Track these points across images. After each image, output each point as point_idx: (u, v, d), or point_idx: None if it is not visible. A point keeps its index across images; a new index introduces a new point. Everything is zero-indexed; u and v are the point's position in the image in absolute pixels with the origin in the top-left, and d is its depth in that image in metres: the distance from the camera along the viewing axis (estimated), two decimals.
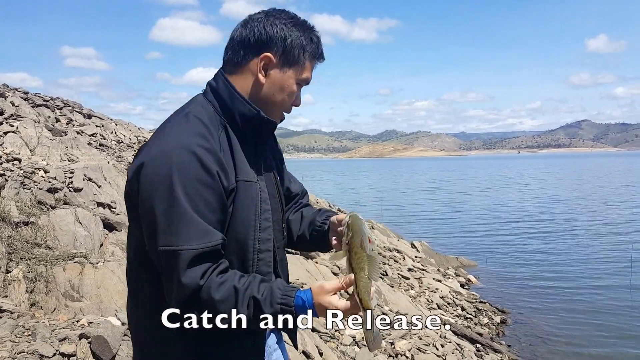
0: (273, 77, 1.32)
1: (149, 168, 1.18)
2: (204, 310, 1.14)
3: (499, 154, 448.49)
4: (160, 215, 1.15)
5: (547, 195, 31.18)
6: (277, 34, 1.30)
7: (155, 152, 1.19)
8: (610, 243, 14.51)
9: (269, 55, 1.30)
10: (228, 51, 1.35)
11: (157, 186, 1.16)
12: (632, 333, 7.49)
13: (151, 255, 1.19)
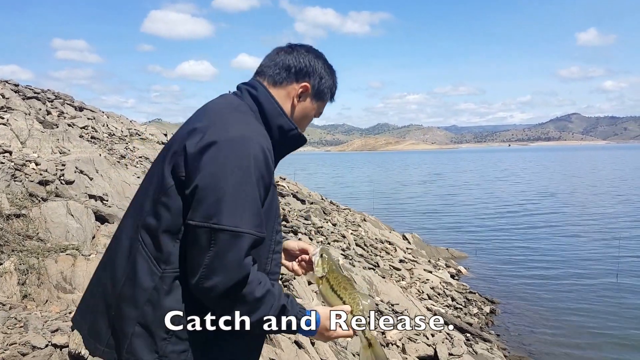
0: (304, 104, 1.51)
1: (227, 149, 1.21)
2: (241, 297, 1.19)
3: (490, 147, 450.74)
4: (230, 194, 1.18)
5: (537, 188, 31.45)
6: (318, 70, 1.51)
7: (232, 136, 1.24)
8: (598, 235, 14.71)
9: (307, 86, 1.49)
10: (270, 67, 1.49)
11: (233, 168, 1.20)
12: (617, 323, 7.61)
13: (193, 226, 1.18)
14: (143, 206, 1.31)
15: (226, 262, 1.16)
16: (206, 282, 1.16)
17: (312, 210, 10.52)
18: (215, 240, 1.16)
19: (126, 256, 1.29)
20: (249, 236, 1.18)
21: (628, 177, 38.76)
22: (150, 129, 12.12)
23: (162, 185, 1.27)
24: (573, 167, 57.26)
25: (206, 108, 1.42)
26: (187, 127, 1.35)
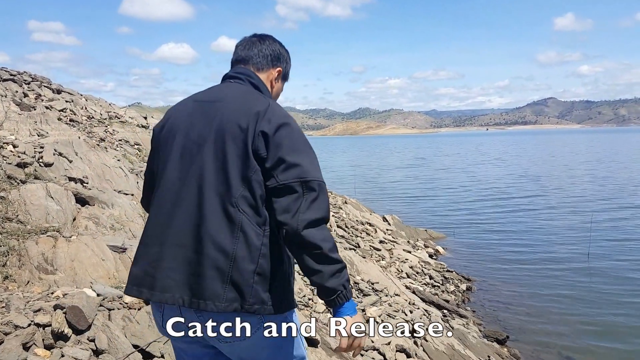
0: (278, 84, 1.86)
1: (294, 128, 1.59)
2: (326, 217, 1.53)
3: (468, 131, 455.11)
4: (310, 158, 1.57)
5: (515, 171, 32.00)
6: (285, 56, 1.87)
7: (290, 120, 1.60)
8: (571, 215, 15.12)
9: (280, 70, 1.84)
10: (252, 57, 1.79)
11: (304, 141, 1.60)
12: (588, 299, 7.90)
13: (302, 173, 1.52)
14: (231, 185, 1.52)
15: (322, 202, 1.53)
16: (304, 222, 1.47)
17: None
18: (308, 189, 1.51)
19: (230, 228, 1.51)
20: (324, 184, 1.58)
21: (606, 159, 39.59)
22: (130, 112, 11.96)
23: (247, 164, 1.52)
24: (551, 151, 58.30)
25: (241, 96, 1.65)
26: (234, 109, 1.59)
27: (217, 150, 1.55)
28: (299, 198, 1.50)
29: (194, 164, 1.57)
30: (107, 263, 4.12)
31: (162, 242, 1.56)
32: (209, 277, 1.49)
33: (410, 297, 6.56)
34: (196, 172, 1.56)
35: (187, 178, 1.57)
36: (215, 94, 1.68)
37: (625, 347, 6.17)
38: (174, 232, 1.55)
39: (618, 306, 7.50)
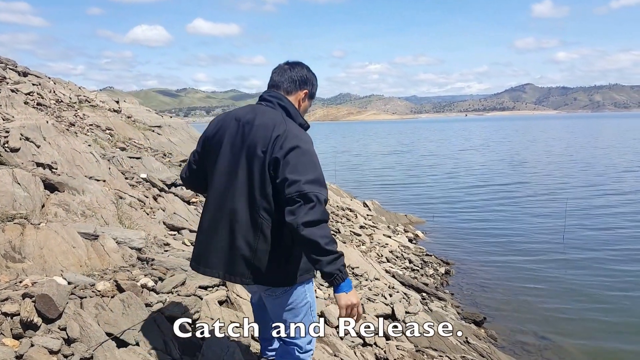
0: (305, 103, 2.34)
1: (302, 149, 2.06)
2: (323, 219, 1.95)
3: (448, 117, 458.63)
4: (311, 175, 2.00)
5: (493, 156, 32.40)
6: (311, 79, 2.33)
7: (300, 141, 2.08)
8: (548, 199, 15.38)
9: (307, 91, 2.32)
10: (283, 82, 2.27)
11: (308, 161, 2.05)
12: (564, 281, 8.05)
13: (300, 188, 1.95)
14: (255, 199, 2.11)
15: (317, 209, 1.94)
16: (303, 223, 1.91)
17: None
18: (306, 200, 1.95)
19: (253, 229, 2.12)
20: (325, 193, 2.02)
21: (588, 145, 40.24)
22: (101, 95, 11.62)
23: (264, 182, 2.08)
24: (531, 137, 59.12)
25: (271, 121, 2.14)
26: (266, 134, 2.10)
27: (248, 169, 2.13)
28: (301, 206, 1.95)
29: (233, 177, 2.17)
30: (78, 251, 3.98)
31: (210, 235, 2.23)
32: (238, 263, 2.15)
33: (390, 281, 6.56)
34: (234, 184, 2.16)
35: (230, 189, 2.17)
36: (251, 116, 2.21)
37: (600, 328, 6.29)
38: (218, 229, 2.19)
39: (591, 289, 7.66)
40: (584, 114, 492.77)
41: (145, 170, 6.72)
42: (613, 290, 7.49)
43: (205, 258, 2.25)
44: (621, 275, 8.11)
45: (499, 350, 5.59)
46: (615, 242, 10.14)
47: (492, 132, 74.16)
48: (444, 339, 5.02)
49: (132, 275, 3.44)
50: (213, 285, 3.67)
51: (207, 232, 2.25)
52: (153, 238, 4.53)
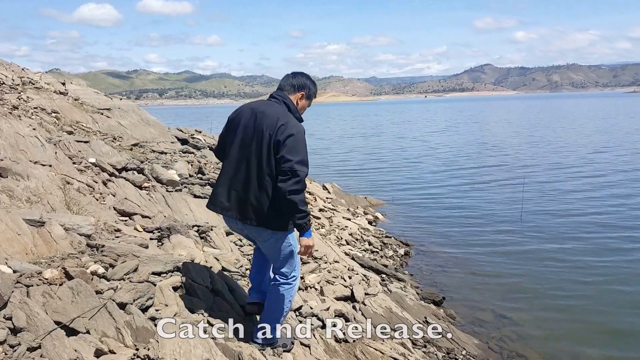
0: (302, 102, 3.21)
1: (297, 137, 2.95)
2: (303, 189, 2.92)
3: (408, 98, 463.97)
4: (299, 157, 2.90)
5: (452, 137, 33.04)
6: (308, 85, 3.20)
7: (296, 130, 2.96)
8: (506, 180, 15.82)
9: (303, 93, 3.19)
10: (288, 86, 3.18)
11: (301, 146, 2.95)
12: (520, 260, 8.25)
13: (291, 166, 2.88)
14: (262, 167, 2.98)
15: (300, 182, 2.88)
16: (289, 189, 2.85)
17: None
18: (294, 174, 2.87)
19: (260, 188, 3.01)
20: (307, 170, 2.93)
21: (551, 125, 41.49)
22: (46, 77, 11.02)
23: (270, 157, 2.97)
24: (487, 117, 60.51)
25: (277, 114, 3.02)
26: (272, 123, 2.98)
27: (257, 147, 3.00)
28: (290, 178, 2.87)
29: (246, 150, 3.05)
30: (23, 238, 3.78)
31: (227, 188, 3.12)
32: (248, 210, 3.05)
33: (349, 263, 6.60)
34: (247, 156, 3.04)
35: (243, 158, 3.06)
36: (263, 108, 3.10)
37: (555, 303, 6.53)
38: (234, 184, 3.09)
39: (548, 265, 7.91)
40: (543, 94, 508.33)
41: (94, 154, 6.45)
42: (568, 269, 7.76)
43: (222, 203, 3.14)
44: (577, 254, 8.42)
45: (457, 329, 5.72)
46: (571, 221, 10.51)
47: (453, 113, 75.46)
48: (402, 319, 5.10)
49: (82, 263, 3.34)
50: (167, 270, 3.57)
51: (224, 187, 3.14)
52: (103, 224, 4.36)
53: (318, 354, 3.57)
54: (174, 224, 4.80)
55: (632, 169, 16.33)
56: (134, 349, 2.66)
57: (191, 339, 2.69)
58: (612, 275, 7.29)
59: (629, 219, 10.38)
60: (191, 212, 5.98)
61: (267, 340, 3.24)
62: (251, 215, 3.03)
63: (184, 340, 2.65)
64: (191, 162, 9.01)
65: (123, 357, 2.54)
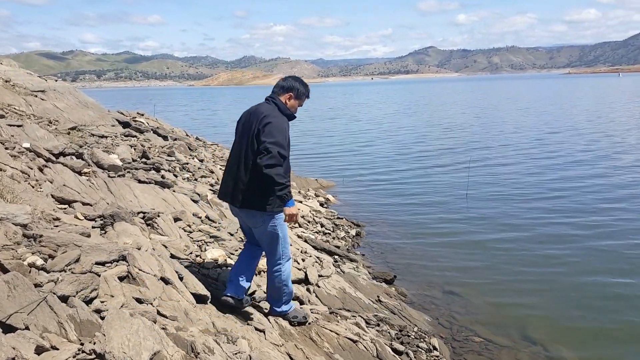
0: (292, 102, 3.73)
1: (273, 123, 3.46)
2: (277, 164, 3.33)
3: (355, 80, 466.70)
4: (274, 139, 3.38)
5: (401, 119, 33.56)
6: (296, 88, 3.73)
7: (274, 120, 3.48)
8: (451, 160, 16.27)
9: (291, 95, 3.72)
10: (277, 88, 3.74)
11: (277, 131, 3.44)
12: (468, 236, 8.49)
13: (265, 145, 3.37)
14: (249, 150, 3.53)
15: (274, 157, 3.31)
16: (265, 164, 3.30)
17: (175, 147, 9.97)
18: (268, 152, 3.32)
19: (245, 171, 3.54)
20: (282, 150, 3.38)
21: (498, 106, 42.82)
22: None
23: (255, 144, 3.50)
24: (431, 98, 61.82)
25: (263, 110, 3.59)
26: (258, 117, 3.55)
27: (248, 138, 3.55)
28: (264, 155, 3.33)
29: (242, 142, 3.61)
30: None
31: (227, 177, 3.68)
32: (238, 192, 3.56)
33: (302, 245, 6.57)
34: (242, 146, 3.59)
35: (239, 150, 3.62)
36: (255, 107, 3.69)
37: (500, 278, 6.77)
38: (231, 173, 3.63)
39: (494, 243, 8.18)
40: (484, 75, 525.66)
41: (29, 139, 6.04)
42: (514, 242, 8.07)
43: (224, 191, 3.71)
44: (521, 228, 8.77)
45: (409, 306, 5.83)
46: (514, 196, 10.96)
47: (404, 95, 76.53)
48: (356, 300, 5.14)
49: (18, 254, 3.13)
50: (112, 260, 3.40)
51: (226, 176, 3.69)
52: (40, 213, 4.09)
53: (273, 338, 3.53)
54: (118, 211, 4.57)
55: (575, 151, 17.04)
56: (78, 343, 2.51)
57: (140, 330, 2.56)
58: (555, 252, 7.62)
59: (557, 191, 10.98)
60: (136, 199, 5.73)
61: (283, 312, 3.93)
62: (240, 197, 3.54)
63: (133, 332, 2.52)
64: (134, 146, 8.64)
65: (66, 352, 2.38)
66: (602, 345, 5.02)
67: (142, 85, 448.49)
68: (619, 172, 13.15)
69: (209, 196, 7.14)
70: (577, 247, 7.72)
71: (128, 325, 2.59)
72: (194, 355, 2.78)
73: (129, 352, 2.42)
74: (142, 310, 3.02)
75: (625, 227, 8.48)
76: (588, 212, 9.51)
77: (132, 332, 2.54)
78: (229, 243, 5.30)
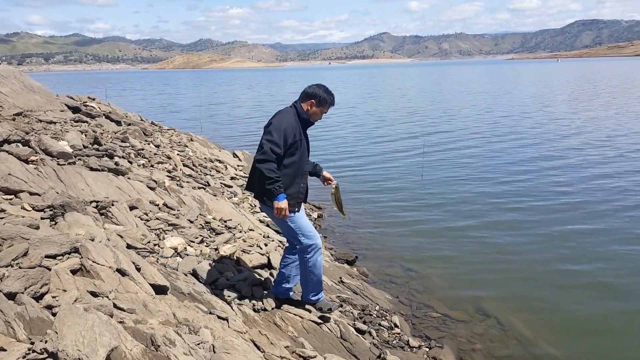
0: (313, 109, 3.91)
1: (274, 124, 3.75)
2: (268, 159, 3.61)
3: (313, 65, 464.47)
4: (269, 137, 3.67)
5: (358, 104, 33.66)
6: (318, 95, 3.88)
7: (275, 120, 3.79)
8: (407, 143, 16.48)
9: (313, 102, 3.88)
10: (302, 94, 3.92)
11: (274, 129, 3.70)
12: (424, 215, 8.74)
13: (260, 141, 3.69)
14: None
15: (266, 154, 3.61)
16: (258, 158, 3.67)
17: (130, 132, 9.60)
18: (261, 148, 3.67)
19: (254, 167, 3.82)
20: (275, 147, 3.63)
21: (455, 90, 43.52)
22: None
23: None
24: (384, 82, 62.32)
25: (276, 113, 3.93)
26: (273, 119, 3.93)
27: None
28: (258, 150, 3.68)
29: None
30: None
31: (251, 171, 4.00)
32: (253, 187, 3.92)
33: (264, 230, 6.49)
34: None
35: None
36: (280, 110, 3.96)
37: (455, 255, 6.97)
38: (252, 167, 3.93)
39: (448, 223, 8.41)
40: (435, 61, 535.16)
41: None
42: (469, 223, 8.27)
43: (249, 188, 4.02)
44: (474, 210, 9.00)
45: (370, 286, 5.90)
46: (468, 179, 11.20)
47: (366, 80, 76.64)
48: None
49: None
50: (63, 252, 3.22)
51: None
52: None
53: (237, 326, 3.46)
54: (69, 201, 4.35)
55: (525, 134, 17.44)
56: (28, 343, 2.36)
57: (96, 326, 2.44)
58: (508, 232, 7.85)
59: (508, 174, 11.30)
60: (88, 187, 5.48)
61: (311, 301, 4.18)
62: (252, 189, 3.94)
63: (88, 328, 2.39)
64: (85, 131, 8.25)
65: (15, 353, 2.24)
66: (551, 315, 5.25)
67: (94, 68, 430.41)
68: (568, 154, 13.61)
69: (166, 183, 6.93)
70: (528, 228, 7.95)
71: (82, 321, 2.45)
72: (154, 348, 2.68)
73: (83, 350, 2.29)
74: (97, 304, 2.88)
75: (575, 209, 8.72)
76: (538, 194, 9.75)
77: (86, 328, 2.40)
78: (189, 231, 5.17)
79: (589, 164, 12.24)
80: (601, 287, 5.80)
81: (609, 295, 5.63)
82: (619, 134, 16.44)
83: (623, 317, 5.16)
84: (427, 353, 4.40)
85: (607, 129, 17.55)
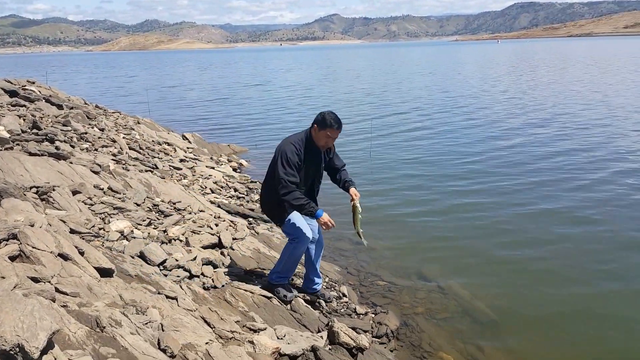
0: (318, 133, 4.05)
1: (281, 149, 4.03)
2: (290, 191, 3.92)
3: (264, 46, 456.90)
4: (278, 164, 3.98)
5: (304, 82, 33.53)
6: (321, 121, 4.02)
7: (282, 146, 4.06)
8: (355, 120, 16.61)
9: (316, 127, 4.04)
10: (313, 121, 4.08)
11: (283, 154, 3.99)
12: (372, 192, 8.80)
13: (277, 176, 3.96)
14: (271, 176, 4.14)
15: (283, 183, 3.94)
16: (280, 190, 3.97)
17: (72, 116, 9.24)
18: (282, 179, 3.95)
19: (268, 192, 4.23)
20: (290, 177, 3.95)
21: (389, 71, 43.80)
22: None
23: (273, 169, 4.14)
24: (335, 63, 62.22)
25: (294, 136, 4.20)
26: None
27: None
28: (279, 185, 3.93)
29: None
30: None
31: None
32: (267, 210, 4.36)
33: (215, 211, 6.46)
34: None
35: None
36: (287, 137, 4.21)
37: (398, 226, 7.17)
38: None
39: (397, 196, 8.63)
40: (384, 42, 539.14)
41: None
42: (416, 197, 8.52)
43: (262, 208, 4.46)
44: (421, 187, 9.24)
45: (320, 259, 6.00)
46: (416, 161, 11.37)
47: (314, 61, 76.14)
48: (271, 258, 5.18)
49: None
50: (0, 239, 3.12)
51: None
52: None
53: (186, 304, 3.47)
54: (5, 187, 4.19)
55: (472, 115, 17.83)
56: None
57: (36, 310, 2.39)
58: (453, 204, 8.13)
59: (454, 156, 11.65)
60: (27, 172, 5.27)
61: (272, 282, 4.37)
62: (268, 214, 4.39)
63: (27, 313, 2.34)
64: (23, 116, 7.89)
65: None
66: (486, 279, 5.55)
67: (34, 51, 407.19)
68: (515, 133, 13.82)
69: (111, 166, 6.75)
70: (473, 205, 8.18)
71: (21, 306, 2.40)
72: (99, 329, 2.66)
73: (23, 335, 2.25)
74: (38, 289, 2.81)
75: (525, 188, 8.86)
76: (484, 173, 9.91)
77: (26, 314, 2.36)
78: (135, 214, 5.08)
79: (536, 144, 12.30)
80: (533, 254, 6.15)
81: (540, 256, 6.03)
82: (562, 112, 17.14)
83: (550, 275, 5.56)
84: (373, 319, 4.56)
85: (552, 108, 18.17)
